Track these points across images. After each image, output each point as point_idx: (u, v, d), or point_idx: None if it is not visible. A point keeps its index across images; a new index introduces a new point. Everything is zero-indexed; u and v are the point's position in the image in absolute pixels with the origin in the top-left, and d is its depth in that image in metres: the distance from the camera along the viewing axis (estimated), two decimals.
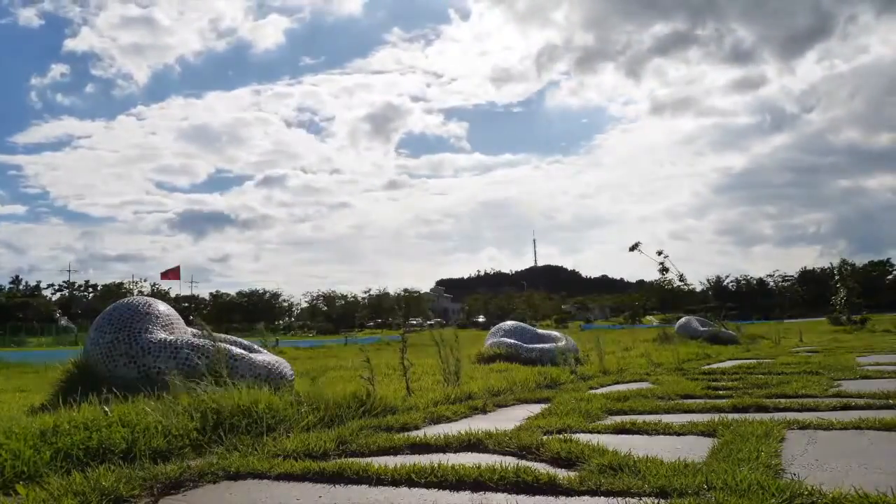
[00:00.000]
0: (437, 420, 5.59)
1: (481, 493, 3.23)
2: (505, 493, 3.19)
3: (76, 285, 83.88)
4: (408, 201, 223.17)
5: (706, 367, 10.76)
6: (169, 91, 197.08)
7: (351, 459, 3.99)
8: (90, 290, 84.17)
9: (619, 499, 3.01)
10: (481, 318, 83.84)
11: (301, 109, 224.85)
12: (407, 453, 4.21)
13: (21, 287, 78.66)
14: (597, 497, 3.08)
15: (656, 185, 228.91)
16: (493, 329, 14.22)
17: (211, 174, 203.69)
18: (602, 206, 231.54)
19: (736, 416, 5.17)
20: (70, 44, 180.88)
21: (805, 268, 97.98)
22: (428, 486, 3.38)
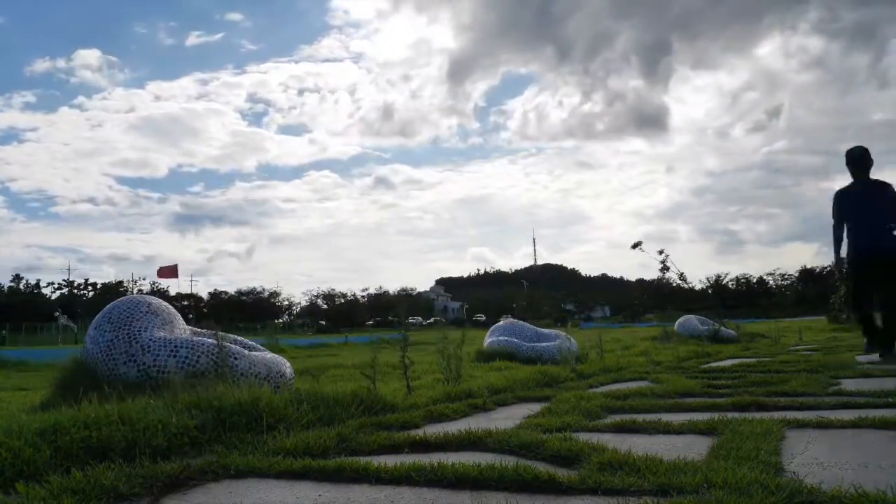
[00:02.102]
0: (437, 418, 5.59)
1: (481, 491, 3.23)
2: (505, 492, 3.19)
3: (76, 284, 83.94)
4: (382, 198, 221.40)
5: (706, 365, 10.76)
6: (109, 80, 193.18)
7: (351, 458, 3.99)
8: (89, 288, 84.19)
9: (619, 497, 3.01)
10: (481, 317, 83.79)
11: (254, 100, 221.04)
12: (407, 452, 4.22)
13: (21, 286, 78.67)
14: (596, 495, 3.08)
15: (638, 182, 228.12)
16: (492, 327, 14.23)
17: (172, 168, 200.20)
18: (583, 204, 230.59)
19: (735, 414, 5.17)
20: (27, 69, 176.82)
21: (805, 266, 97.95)
22: (428, 484, 3.38)
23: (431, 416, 5.60)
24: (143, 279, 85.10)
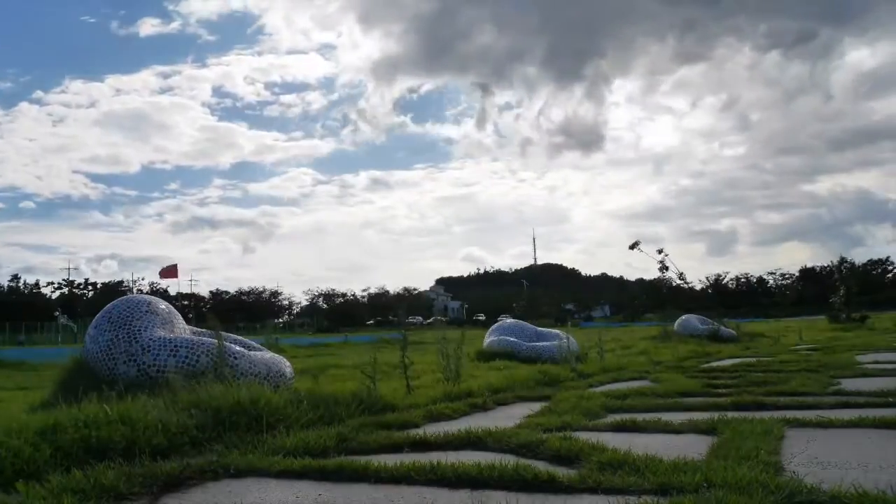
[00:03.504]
0: (436, 418, 5.59)
1: (481, 490, 3.23)
2: (504, 491, 3.18)
3: (76, 283, 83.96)
4: (367, 195, 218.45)
5: (705, 364, 10.78)
6: (63, 74, 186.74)
7: (351, 457, 3.99)
8: (89, 288, 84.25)
9: (619, 496, 3.01)
10: (481, 317, 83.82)
11: (220, 94, 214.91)
12: (407, 451, 4.22)
13: (21, 285, 78.76)
14: (597, 495, 3.08)
15: (625, 179, 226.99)
16: (493, 327, 14.24)
17: (145, 165, 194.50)
18: (568, 205, 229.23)
19: (735, 414, 5.17)
20: None
21: (805, 266, 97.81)
22: (428, 483, 3.38)
23: (431, 416, 5.61)
24: (143, 279, 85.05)
